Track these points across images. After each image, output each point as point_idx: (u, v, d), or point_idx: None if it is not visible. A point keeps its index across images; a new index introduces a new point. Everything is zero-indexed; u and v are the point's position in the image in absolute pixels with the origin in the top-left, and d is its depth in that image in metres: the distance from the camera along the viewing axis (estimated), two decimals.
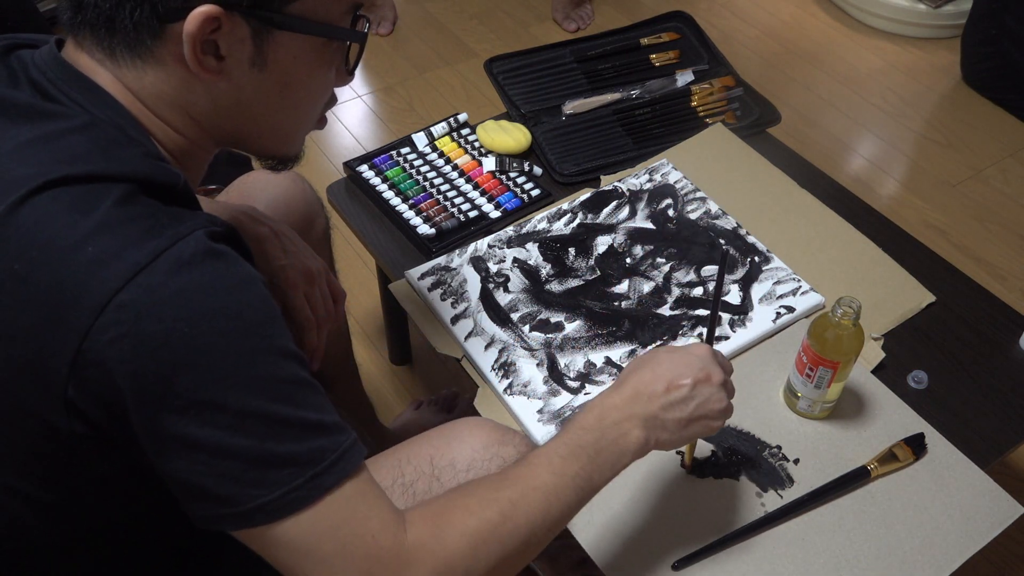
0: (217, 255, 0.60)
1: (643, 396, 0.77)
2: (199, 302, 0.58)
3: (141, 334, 0.56)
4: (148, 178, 0.61)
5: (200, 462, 0.59)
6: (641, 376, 0.78)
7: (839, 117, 2.27)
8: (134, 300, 0.56)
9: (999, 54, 2.23)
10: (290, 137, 0.76)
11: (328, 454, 0.62)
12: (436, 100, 2.26)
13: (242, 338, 0.59)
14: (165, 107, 0.67)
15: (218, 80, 0.65)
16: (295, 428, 0.61)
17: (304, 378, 0.63)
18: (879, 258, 1.25)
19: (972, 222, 1.98)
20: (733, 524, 0.94)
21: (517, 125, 1.41)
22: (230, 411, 0.58)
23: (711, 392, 0.79)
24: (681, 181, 1.34)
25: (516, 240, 1.25)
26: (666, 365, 0.79)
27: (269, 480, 0.60)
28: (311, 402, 0.63)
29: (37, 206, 0.58)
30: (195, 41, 0.62)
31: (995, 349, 1.15)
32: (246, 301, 0.60)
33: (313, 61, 0.69)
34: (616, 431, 0.75)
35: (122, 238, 0.57)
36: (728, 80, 1.53)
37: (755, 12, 2.63)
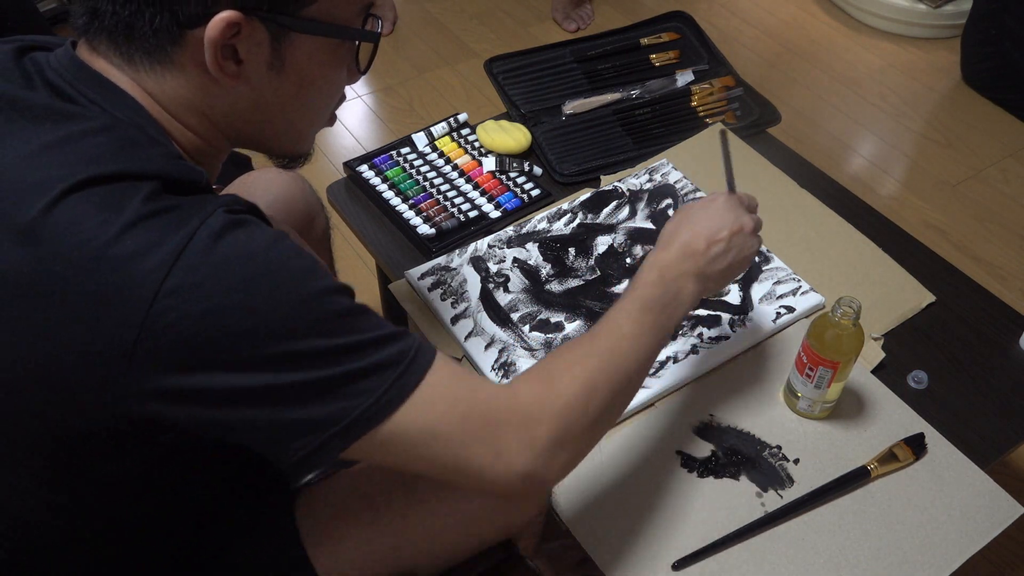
0: (240, 223, 0.62)
1: (689, 254, 0.87)
2: (243, 267, 0.60)
3: (198, 313, 0.58)
4: (172, 176, 0.63)
5: (289, 402, 0.62)
6: (682, 236, 0.88)
7: (839, 117, 2.27)
8: (182, 283, 0.58)
9: (999, 54, 2.23)
10: (303, 136, 0.78)
11: (407, 353, 0.66)
12: (436, 100, 2.26)
13: (293, 289, 0.61)
14: (184, 110, 0.68)
15: (237, 83, 0.67)
16: (368, 345, 0.64)
17: (358, 306, 0.66)
18: (879, 258, 1.25)
19: (972, 222, 1.98)
20: (733, 524, 0.94)
21: (517, 125, 1.41)
22: (306, 355, 0.61)
23: (744, 240, 0.90)
24: (681, 181, 1.34)
25: (516, 240, 1.25)
26: (703, 221, 0.89)
27: (360, 389, 0.63)
28: (372, 323, 0.66)
29: (69, 207, 0.59)
30: (216, 46, 0.63)
31: (995, 349, 1.15)
32: (285, 254, 0.62)
33: (327, 61, 0.71)
34: (675, 286, 0.85)
35: (156, 229, 0.59)
36: (728, 80, 1.53)
37: (755, 12, 2.63)
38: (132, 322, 0.57)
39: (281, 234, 0.64)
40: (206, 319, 0.58)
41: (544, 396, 0.71)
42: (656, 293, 0.83)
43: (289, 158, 0.80)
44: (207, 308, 0.58)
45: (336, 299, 0.64)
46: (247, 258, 0.60)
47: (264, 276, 0.60)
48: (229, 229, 0.61)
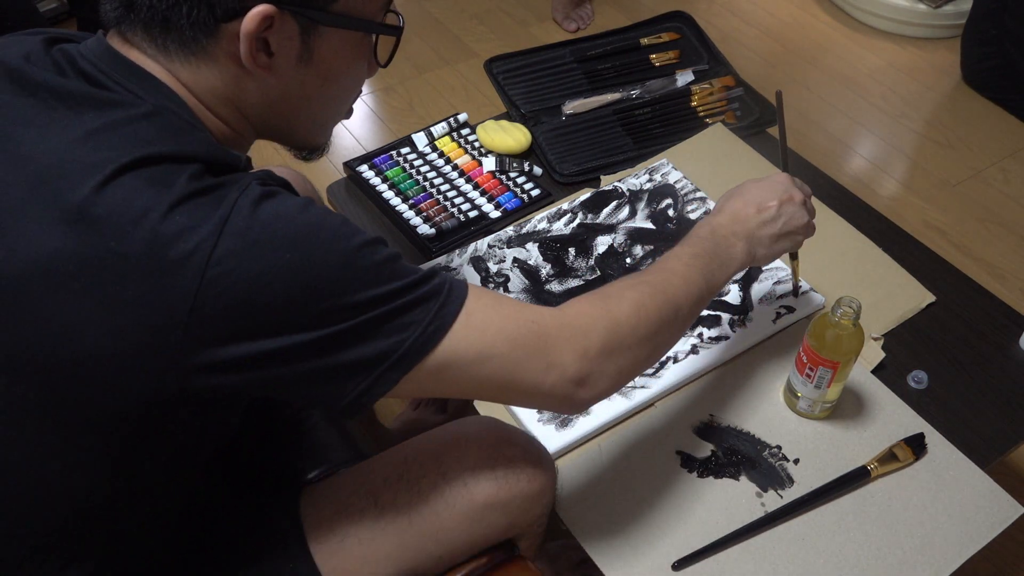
0: (273, 194, 0.64)
1: (740, 218, 0.92)
2: (285, 228, 0.62)
3: (249, 276, 0.60)
4: (215, 159, 0.65)
5: (342, 348, 0.65)
6: (734, 203, 0.94)
7: (839, 117, 2.27)
8: (231, 250, 0.60)
9: (999, 54, 2.23)
10: (324, 127, 0.82)
11: (444, 285, 0.70)
12: (436, 100, 2.26)
13: (335, 245, 0.64)
14: (216, 101, 0.71)
15: (267, 75, 0.69)
16: (408, 287, 0.67)
17: (393, 253, 0.69)
18: (879, 258, 1.25)
19: (972, 222, 1.98)
20: (733, 524, 0.94)
21: (517, 125, 1.41)
22: (353, 305, 0.64)
23: (794, 210, 0.95)
24: (681, 181, 1.34)
25: (516, 240, 1.25)
26: (754, 192, 0.95)
27: (407, 322, 0.67)
28: (407, 268, 0.69)
29: (121, 185, 0.60)
30: (251, 39, 0.65)
31: (995, 349, 1.15)
32: (320, 214, 0.65)
33: (352, 55, 0.74)
34: (726, 243, 0.90)
35: (204, 205, 0.61)
36: (728, 80, 1.53)
37: (755, 12, 2.64)
38: (188, 291, 0.59)
39: (310, 199, 0.67)
40: (256, 283, 0.60)
41: (594, 312, 0.75)
42: (708, 246, 0.88)
43: (309, 150, 0.83)
44: (256, 272, 0.60)
45: (375, 249, 0.67)
46: (287, 220, 0.63)
47: (306, 235, 0.63)
48: (265, 198, 0.63)
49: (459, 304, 0.69)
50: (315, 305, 0.63)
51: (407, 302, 0.67)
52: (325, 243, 0.64)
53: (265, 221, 0.62)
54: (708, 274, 0.86)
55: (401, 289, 0.67)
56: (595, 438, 1.03)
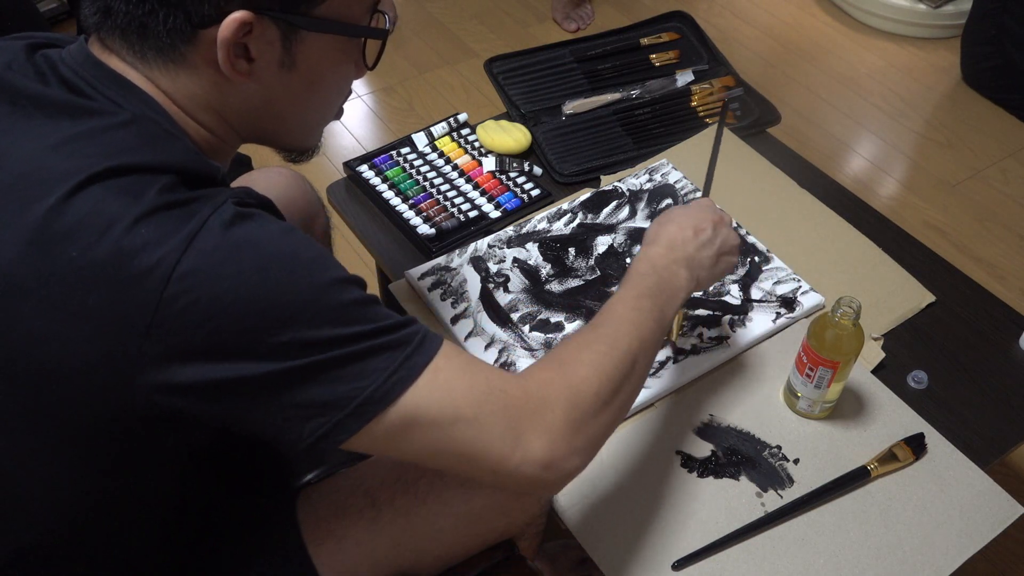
0: (250, 216, 0.63)
1: (677, 244, 0.90)
2: (255, 252, 0.61)
3: (210, 296, 0.59)
4: (191, 170, 0.64)
5: (299, 385, 0.63)
6: (668, 230, 0.92)
7: (839, 117, 2.27)
8: (195, 267, 0.59)
9: (999, 54, 2.23)
10: (313, 130, 0.80)
11: (413, 338, 0.67)
12: (436, 100, 2.26)
13: (304, 277, 0.62)
14: (196, 107, 0.69)
15: (248, 81, 0.68)
16: (375, 332, 0.65)
17: (368, 297, 0.66)
18: (879, 258, 1.25)
19: (972, 222, 1.98)
20: (733, 524, 0.94)
21: (517, 125, 1.41)
22: (315, 342, 0.62)
23: (727, 231, 0.95)
24: (681, 181, 1.34)
25: (516, 240, 1.25)
26: (686, 217, 0.93)
27: (369, 370, 0.64)
28: (380, 313, 0.66)
29: (89, 196, 0.60)
30: (228, 45, 0.64)
31: (995, 349, 1.15)
32: (295, 243, 0.63)
33: (337, 58, 0.72)
34: (668, 273, 0.88)
35: (172, 218, 0.60)
36: (728, 80, 1.53)
37: (755, 12, 2.64)
38: (147, 306, 0.58)
39: (291, 227, 0.65)
40: (217, 304, 0.59)
41: (555, 381, 0.72)
42: (650, 282, 0.85)
43: (298, 152, 0.82)
44: (218, 293, 0.59)
45: (347, 288, 0.65)
46: (258, 245, 0.61)
47: (275, 264, 0.61)
48: (239, 219, 0.62)
49: (427, 357, 0.66)
50: (275, 335, 0.61)
51: (372, 347, 0.64)
52: (294, 273, 0.62)
53: (234, 243, 0.60)
54: (657, 313, 0.84)
55: (368, 333, 0.64)
56: None
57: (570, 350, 0.77)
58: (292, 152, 0.82)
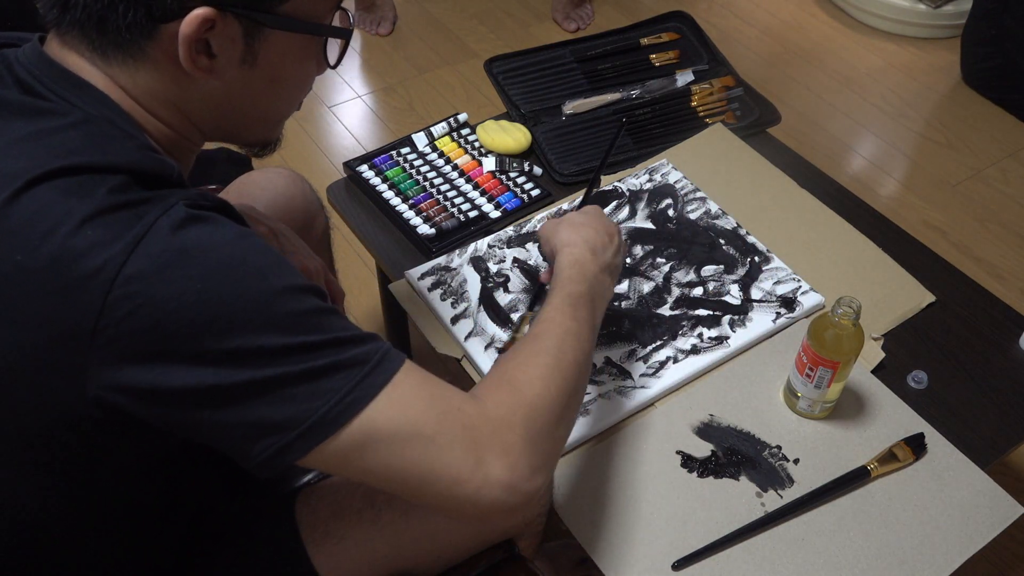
0: (202, 219, 0.61)
1: (599, 250, 0.91)
2: (203, 257, 0.59)
3: (155, 300, 0.57)
4: (143, 169, 0.63)
5: (247, 401, 0.60)
6: (588, 234, 0.92)
7: (839, 117, 2.27)
8: (140, 270, 0.57)
9: (999, 54, 2.23)
10: (274, 126, 0.79)
11: (373, 354, 0.64)
12: (436, 100, 2.26)
13: (253, 282, 0.60)
14: (157, 104, 0.68)
15: (209, 77, 0.67)
16: (330, 346, 0.62)
17: (324, 307, 0.64)
18: (879, 258, 1.25)
19: (972, 222, 1.98)
20: (733, 524, 0.94)
21: (517, 125, 1.41)
22: (261, 352, 0.60)
23: (621, 238, 0.98)
24: (681, 181, 1.34)
25: (516, 240, 1.25)
26: (595, 222, 0.95)
27: (322, 390, 0.61)
28: (337, 324, 0.64)
29: (35, 197, 0.59)
30: (190, 41, 0.63)
31: (995, 349, 1.15)
32: (247, 248, 0.62)
33: (299, 56, 0.71)
34: (597, 281, 0.88)
35: (119, 220, 0.59)
36: (728, 80, 1.53)
37: (755, 12, 2.63)
38: (91, 309, 0.57)
39: (247, 231, 0.64)
40: (161, 309, 0.57)
41: (508, 399, 0.70)
42: (582, 289, 0.86)
43: (259, 147, 0.81)
44: (163, 297, 0.57)
45: (300, 297, 0.63)
46: (207, 249, 0.60)
47: (224, 269, 0.60)
48: (190, 222, 0.60)
49: (386, 377, 0.64)
50: (221, 342, 0.59)
51: (326, 364, 0.62)
52: (245, 278, 0.60)
53: (183, 246, 0.59)
54: (592, 319, 0.84)
55: (320, 344, 0.62)
56: (595, 438, 1.03)
57: (518, 366, 0.74)
58: (253, 147, 0.80)
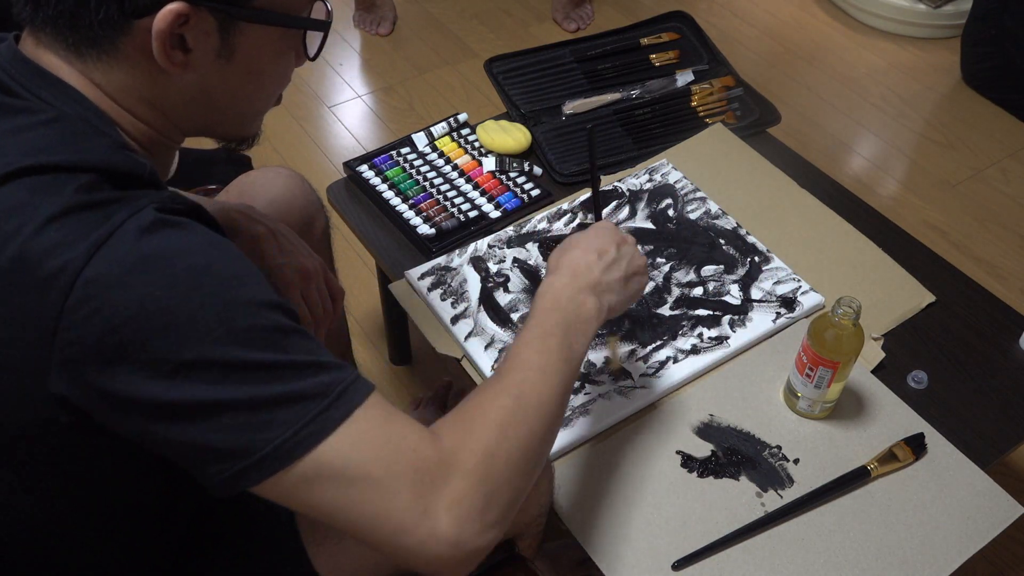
0: (171, 224, 0.60)
1: (581, 270, 0.84)
2: (167, 264, 0.58)
3: (114, 305, 0.57)
4: (114, 167, 0.62)
5: (202, 421, 0.59)
6: (572, 257, 0.86)
7: (839, 117, 2.27)
8: (100, 274, 0.57)
9: (999, 54, 2.23)
10: (252, 120, 0.78)
11: (335, 386, 0.62)
12: (436, 100, 2.26)
13: (217, 293, 0.59)
14: (133, 100, 0.68)
15: (185, 72, 0.66)
16: (291, 370, 0.61)
17: (291, 326, 0.62)
18: (879, 258, 1.25)
19: (972, 222, 1.98)
20: (733, 524, 0.94)
21: (517, 125, 1.41)
22: (218, 366, 0.58)
23: (631, 251, 0.90)
24: (681, 181, 1.34)
25: (516, 240, 1.25)
26: (587, 241, 0.88)
27: (278, 421, 0.60)
28: (303, 347, 0.62)
29: (3, 195, 0.59)
30: (164, 36, 0.62)
31: (995, 349, 1.15)
32: (215, 257, 0.61)
33: (276, 49, 0.71)
34: (574, 304, 0.82)
35: (85, 221, 0.58)
36: (728, 80, 1.53)
37: (755, 12, 2.63)
38: (52, 310, 0.56)
39: (217, 239, 0.62)
40: (119, 315, 0.57)
41: (463, 443, 0.67)
42: (555, 318, 0.80)
43: (237, 142, 0.80)
44: (122, 303, 0.57)
45: (266, 312, 0.61)
46: (171, 256, 0.59)
47: (186, 277, 0.58)
48: (158, 226, 0.59)
49: (346, 411, 0.62)
50: (178, 353, 0.57)
51: (283, 393, 0.59)
52: (208, 288, 0.59)
53: (147, 252, 0.58)
54: (566, 351, 0.78)
55: (280, 366, 0.60)
56: (595, 438, 1.03)
57: (479, 406, 0.70)
58: (232, 141, 0.80)
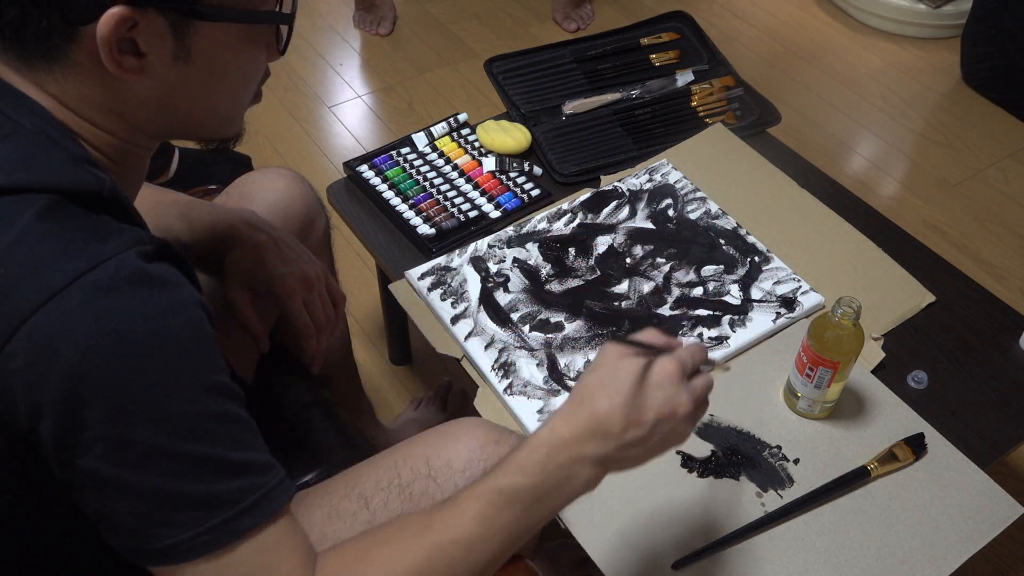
0: (144, 280, 0.58)
1: (598, 434, 0.66)
2: (115, 332, 0.55)
3: (50, 364, 0.54)
4: (71, 187, 0.60)
5: (108, 497, 0.58)
6: (598, 404, 0.66)
7: (839, 117, 2.27)
8: (45, 326, 0.54)
9: (999, 54, 2.23)
10: (227, 120, 0.74)
11: (246, 496, 0.60)
12: (436, 100, 2.26)
13: (159, 371, 0.57)
14: (92, 110, 0.65)
15: (141, 78, 0.63)
16: (211, 467, 0.59)
17: (230, 414, 0.61)
18: (879, 258, 1.25)
19: (972, 222, 1.98)
20: (733, 524, 0.94)
21: (517, 125, 1.41)
22: (139, 448, 0.57)
23: (673, 426, 0.69)
24: (681, 181, 1.34)
25: (516, 240, 1.25)
26: (626, 395, 0.66)
27: (179, 520, 0.59)
28: (235, 440, 0.61)
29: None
30: (110, 43, 0.59)
31: (995, 349, 1.15)
32: (171, 330, 0.58)
33: (239, 47, 0.67)
34: (562, 474, 0.66)
35: (37, 258, 0.55)
36: (728, 80, 1.53)
37: (755, 12, 2.63)
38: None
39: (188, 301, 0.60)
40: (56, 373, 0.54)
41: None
42: (529, 484, 0.66)
43: (219, 142, 0.77)
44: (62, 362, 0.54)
45: (210, 399, 0.59)
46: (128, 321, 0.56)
47: (137, 346, 0.56)
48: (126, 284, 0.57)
49: (249, 526, 0.60)
50: (103, 424, 0.55)
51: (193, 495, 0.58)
52: (151, 364, 0.56)
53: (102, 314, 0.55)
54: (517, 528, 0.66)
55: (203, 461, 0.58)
56: None
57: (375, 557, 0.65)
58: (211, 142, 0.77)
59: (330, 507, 0.87)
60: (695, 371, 0.71)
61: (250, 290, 0.98)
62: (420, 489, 0.84)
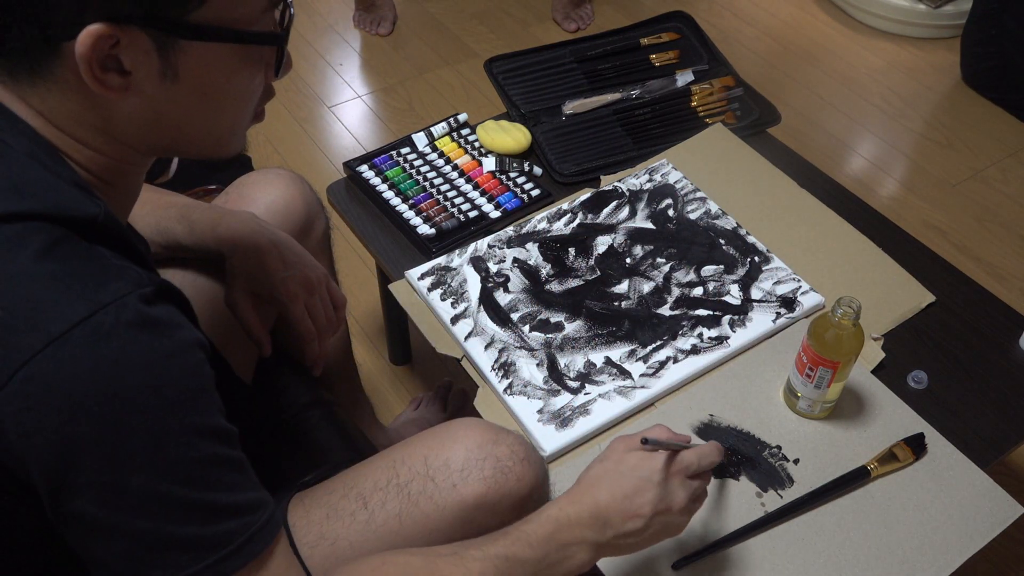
0: (144, 326, 0.57)
1: (599, 522, 0.74)
2: (113, 379, 0.55)
3: (47, 409, 0.54)
4: (65, 214, 0.59)
5: (99, 539, 0.58)
6: (599, 497, 0.75)
7: (839, 117, 2.27)
8: (42, 373, 0.54)
9: (999, 54, 2.23)
10: (224, 140, 0.71)
11: (235, 537, 0.61)
12: (436, 100, 2.26)
13: (156, 418, 0.57)
14: (79, 127, 0.63)
15: (126, 96, 0.61)
16: (202, 511, 0.59)
17: (222, 456, 0.61)
18: (879, 258, 1.25)
19: (972, 222, 1.98)
20: (733, 524, 0.94)
21: (517, 125, 1.41)
22: (132, 494, 0.57)
23: (669, 519, 0.77)
24: (681, 181, 1.34)
25: (516, 240, 1.25)
26: (627, 488, 0.75)
27: (169, 562, 0.59)
28: (225, 482, 0.61)
29: None
30: (90, 61, 0.57)
31: (995, 349, 1.15)
32: (168, 377, 0.58)
33: (232, 66, 0.64)
34: (562, 553, 0.73)
35: (36, 301, 0.55)
36: (728, 80, 1.53)
37: (755, 12, 2.63)
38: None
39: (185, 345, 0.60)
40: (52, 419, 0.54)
41: None
42: (532, 556, 0.71)
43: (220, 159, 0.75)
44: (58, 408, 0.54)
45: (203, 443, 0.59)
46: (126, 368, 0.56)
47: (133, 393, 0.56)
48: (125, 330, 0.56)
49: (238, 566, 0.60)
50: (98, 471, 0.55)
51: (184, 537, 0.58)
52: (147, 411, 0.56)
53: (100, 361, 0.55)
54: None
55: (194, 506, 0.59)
56: (595, 438, 1.03)
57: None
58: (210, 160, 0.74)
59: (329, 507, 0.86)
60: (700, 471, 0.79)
61: (252, 294, 0.98)
62: (418, 489, 0.84)
